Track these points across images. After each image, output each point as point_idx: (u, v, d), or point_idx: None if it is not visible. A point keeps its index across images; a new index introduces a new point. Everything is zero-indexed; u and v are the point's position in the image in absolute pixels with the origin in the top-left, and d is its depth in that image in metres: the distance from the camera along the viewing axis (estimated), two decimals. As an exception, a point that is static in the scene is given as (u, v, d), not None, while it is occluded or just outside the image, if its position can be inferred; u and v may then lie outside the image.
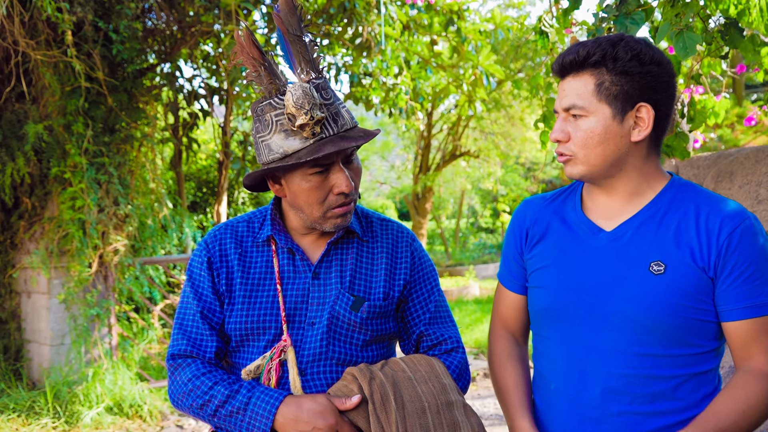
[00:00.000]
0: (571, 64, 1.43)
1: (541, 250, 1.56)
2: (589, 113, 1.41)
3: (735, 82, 12.23)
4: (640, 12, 1.84)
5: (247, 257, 1.62)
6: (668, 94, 1.42)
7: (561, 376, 1.49)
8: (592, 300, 1.44)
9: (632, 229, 1.45)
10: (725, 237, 1.37)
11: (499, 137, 14.90)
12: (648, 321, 1.39)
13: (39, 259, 5.56)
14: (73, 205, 5.50)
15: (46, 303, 5.72)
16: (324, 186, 1.52)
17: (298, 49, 1.51)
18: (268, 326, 1.56)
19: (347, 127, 1.50)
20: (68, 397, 5.40)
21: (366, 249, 1.65)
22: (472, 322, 9.68)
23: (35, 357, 5.89)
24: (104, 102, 5.65)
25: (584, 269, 1.47)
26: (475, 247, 20.93)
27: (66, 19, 5.01)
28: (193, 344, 1.57)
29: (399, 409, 1.45)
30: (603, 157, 1.42)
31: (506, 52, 11.58)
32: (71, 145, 5.46)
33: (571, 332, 1.47)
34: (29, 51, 5.17)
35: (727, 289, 1.38)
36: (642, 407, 1.40)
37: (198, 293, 1.61)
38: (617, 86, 1.39)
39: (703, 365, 1.42)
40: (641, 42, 1.43)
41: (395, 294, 1.63)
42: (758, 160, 2.17)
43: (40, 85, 5.53)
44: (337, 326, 1.57)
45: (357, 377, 1.49)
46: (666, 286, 1.38)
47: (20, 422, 5.20)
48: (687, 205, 1.43)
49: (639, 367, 1.40)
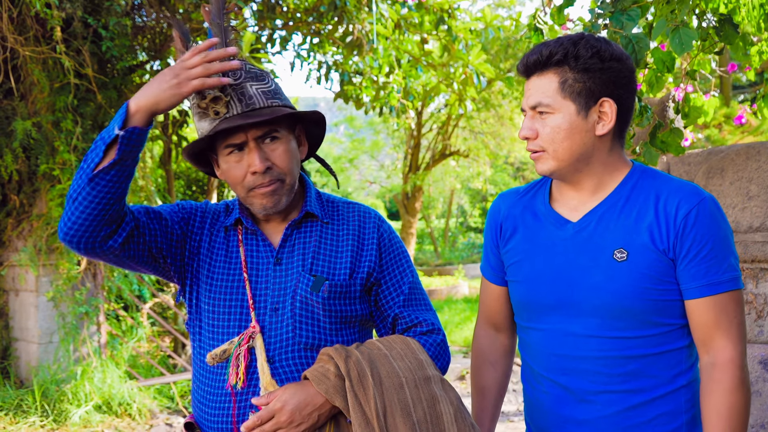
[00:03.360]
0: (535, 63, 1.49)
1: (515, 245, 1.62)
2: (554, 110, 1.47)
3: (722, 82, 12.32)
4: (635, 8, 1.85)
5: (215, 242, 1.64)
6: (629, 88, 1.49)
7: (542, 363, 1.57)
8: (563, 290, 1.51)
9: (596, 219, 1.51)
10: (682, 217, 1.42)
11: (488, 137, 14.93)
12: (615, 307, 1.46)
13: (27, 256, 5.51)
14: (62, 203, 5.46)
15: (34, 301, 5.67)
16: (241, 166, 1.53)
17: (216, 33, 1.52)
18: (234, 310, 1.57)
19: (256, 107, 1.50)
20: (56, 396, 5.36)
21: (330, 231, 1.65)
22: (462, 320, 9.70)
23: (23, 355, 5.85)
24: (93, 99, 5.61)
25: (554, 261, 1.53)
26: (465, 247, 20.97)
27: (55, 15, 4.97)
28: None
29: (377, 386, 1.45)
30: (570, 152, 1.47)
31: (496, 51, 11.60)
32: (60, 142, 5.42)
33: (548, 321, 1.55)
34: (17, 47, 5.13)
35: (685, 268, 1.43)
36: (618, 386, 1.48)
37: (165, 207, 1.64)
38: (580, 83, 1.45)
39: (674, 343, 1.48)
40: (601, 40, 1.49)
41: (361, 274, 1.62)
42: (749, 157, 2.19)
43: (28, 81, 5.49)
44: (302, 309, 1.56)
45: (332, 356, 1.49)
46: (629, 272, 1.44)
47: (8, 421, 5.15)
48: (647, 191, 1.48)
49: (612, 350, 1.47)
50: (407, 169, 15.17)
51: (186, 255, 1.63)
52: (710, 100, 4.03)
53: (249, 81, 1.51)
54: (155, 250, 1.57)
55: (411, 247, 14.84)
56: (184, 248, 1.62)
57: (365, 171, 21.45)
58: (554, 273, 1.52)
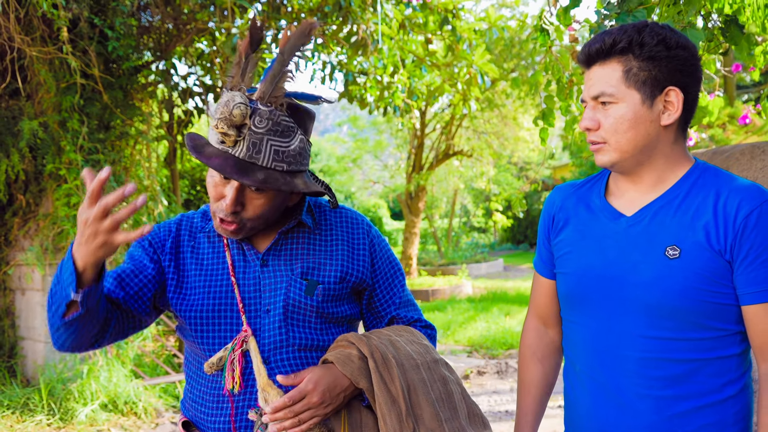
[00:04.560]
0: (597, 52, 1.44)
1: (566, 236, 1.58)
2: (618, 100, 1.42)
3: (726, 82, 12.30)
4: (641, 9, 1.86)
5: (199, 248, 1.64)
6: (695, 77, 1.43)
7: (584, 360, 1.52)
8: (611, 285, 1.46)
9: (651, 214, 1.45)
10: (742, 219, 1.35)
11: (492, 137, 14.94)
12: (663, 305, 1.39)
13: (34, 255, 5.54)
14: (68, 202, 5.49)
15: (40, 300, 5.70)
16: (219, 191, 1.52)
17: (275, 71, 1.49)
18: (224, 315, 1.58)
19: (257, 163, 1.45)
20: (63, 394, 5.38)
21: (319, 237, 1.66)
22: (465, 320, 9.71)
23: (29, 354, 5.88)
24: (99, 99, 5.64)
25: (604, 255, 1.48)
26: (468, 246, 20.97)
27: (62, 15, 4.99)
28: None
29: (399, 366, 1.51)
30: (634, 143, 1.42)
31: (500, 51, 11.61)
32: (66, 142, 5.45)
33: (592, 317, 1.49)
34: (24, 47, 5.15)
35: (744, 272, 1.36)
36: (660, 391, 1.41)
37: (130, 258, 1.63)
38: (645, 72, 1.40)
39: (725, 350, 1.41)
40: (665, 27, 1.44)
41: (354, 279, 1.65)
42: (753, 156, 2.20)
43: (34, 81, 5.51)
44: (293, 312, 1.58)
45: (353, 341, 1.53)
46: (681, 270, 1.38)
47: (15, 419, 5.18)
48: (708, 188, 1.42)
49: (655, 351, 1.41)
50: (411, 169, 15.17)
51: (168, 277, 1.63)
52: (714, 100, 4.04)
53: (270, 135, 1.46)
54: (144, 306, 1.60)
55: (414, 247, 14.85)
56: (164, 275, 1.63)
57: (368, 171, 21.46)
58: (603, 266, 1.47)
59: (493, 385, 6.53)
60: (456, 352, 7.97)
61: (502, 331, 8.67)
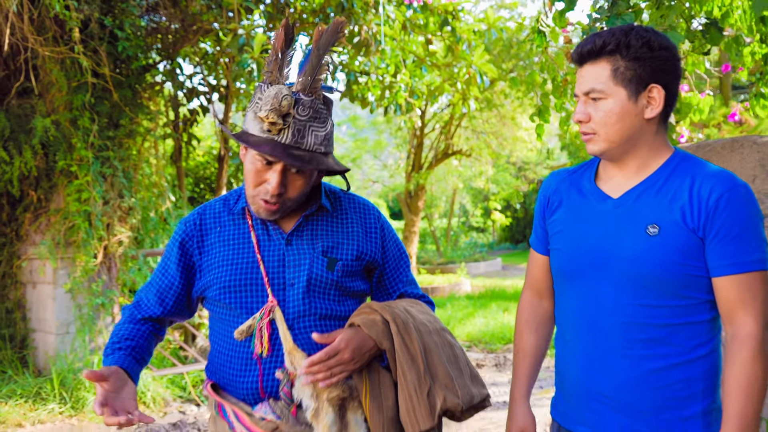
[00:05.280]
0: (588, 52, 1.61)
1: (559, 216, 1.75)
2: (607, 95, 1.59)
3: (722, 83, 12.46)
4: (630, 13, 2.02)
5: (225, 230, 1.82)
6: (675, 75, 1.61)
7: (574, 327, 1.69)
8: (599, 260, 1.63)
9: (635, 197, 1.62)
10: (714, 201, 1.52)
11: (490, 136, 15.10)
12: (644, 277, 1.56)
13: (47, 249, 5.69)
14: (79, 198, 5.65)
15: (51, 293, 5.86)
16: (261, 175, 1.70)
17: (312, 63, 1.69)
18: (250, 288, 1.74)
19: (302, 147, 1.65)
20: (74, 384, 5.54)
21: (336, 220, 1.85)
22: (464, 316, 9.87)
23: (40, 345, 6.03)
24: (109, 97, 5.80)
25: (593, 233, 1.66)
26: (467, 246, 21.13)
27: (73, 16, 5.15)
28: (135, 303, 1.90)
29: (417, 331, 1.70)
30: (621, 134, 1.59)
31: (499, 52, 11.78)
32: (77, 139, 5.61)
33: (582, 288, 1.67)
34: (37, 47, 5.31)
35: (714, 247, 1.53)
36: (640, 351, 1.58)
37: (165, 268, 1.86)
38: (631, 71, 1.57)
39: (697, 316, 1.58)
40: (650, 30, 1.60)
41: (366, 257, 1.84)
42: (733, 150, 2.37)
43: (46, 80, 5.67)
44: (315, 285, 1.75)
45: (376, 309, 1.73)
46: (660, 246, 1.55)
47: (27, 407, 5.33)
48: (685, 174, 1.59)
49: (636, 317, 1.58)
50: (410, 168, 15.33)
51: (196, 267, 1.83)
52: (705, 99, 4.21)
53: (311, 121, 1.66)
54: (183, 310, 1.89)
55: (414, 246, 15.01)
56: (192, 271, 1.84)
57: (368, 170, 21.61)
58: (592, 243, 1.64)
59: (492, 378, 6.68)
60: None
61: (500, 327, 8.83)
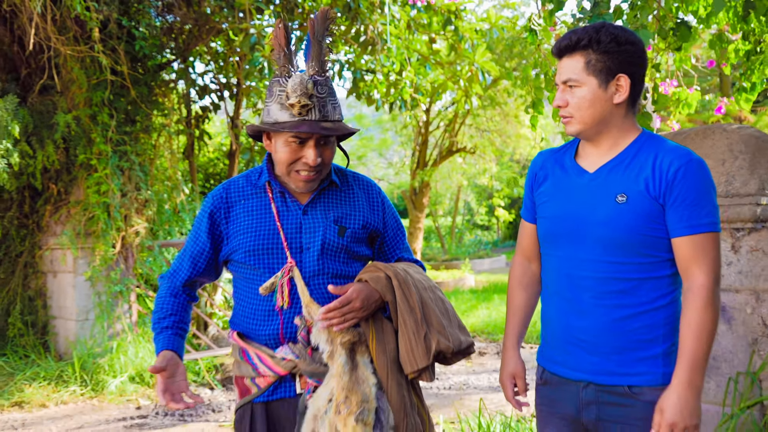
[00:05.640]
0: (566, 47, 1.85)
1: (545, 189, 2.00)
2: (581, 84, 1.83)
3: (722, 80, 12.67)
4: (609, 13, 2.27)
5: (249, 202, 2.10)
6: (641, 66, 1.84)
7: (556, 282, 1.94)
8: (576, 225, 1.87)
9: (607, 171, 1.86)
10: (673, 172, 1.76)
11: (494, 134, 15.33)
12: (614, 238, 1.81)
13: (68, 239, 5.97)
14: (99, 190, 5.93)
15: (72, 281, 6.13)
16: (296, 153, 1.96)
17: (315, 49, 1.99)
18: (272, 251, 2.01)
19: (328, 118, 1.94)
20: (93, 368, 5.82)
21: (344, 194, 2.12)
22: (468, 309, 10.12)
23: (61, 331, 6.31)
24: (127, 94, 6.07)
25: (572, 202, 1.90)
26: (471, 243, 21.35)
27: (93, 17, 5.42)
28: (172, 272, 2.17)
29: (415, 286, 1.98)
30: (593, 117, 1.83)
31: (501, 51, 12.01)
32: (96, 134, 5.88)
33: (563, 249, 1.91)
34: (59, 46, 5.58)
35: (673, 212, 1.77)
36: (610, 301, 1.83)
37: (196, 236, 2.12)
38: (601, 63, 1.80)
39: (658, 272, 1.82)
40: (618, 27, 1.83)
41: (370, 227, 2.12)
42: (705, 137, 2.62)
43: (67, 78, 5.95)
44: (328, 249, 2.03)
45: (380, 267, 2.01)
46: (627, 212, 1.79)
47: (50, 389, 5.61)
48: (649, 151, 1.83)
49: (607, 272, 1.83)
50: (415, 166, 15.56)
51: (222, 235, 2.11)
52: (694, 93, 4.46)
53: (329, 96, 1.96)
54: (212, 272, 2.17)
55: (419, 242, 15.24)
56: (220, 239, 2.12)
57: (373, 168, 21.84)
58: (571, 211, 1.88)
59: (494, 365, 6.93)
60: (458, 337, 8.38)
61: (502, 318, 9.07)
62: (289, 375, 1.99)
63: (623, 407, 1.83)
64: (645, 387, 1.81)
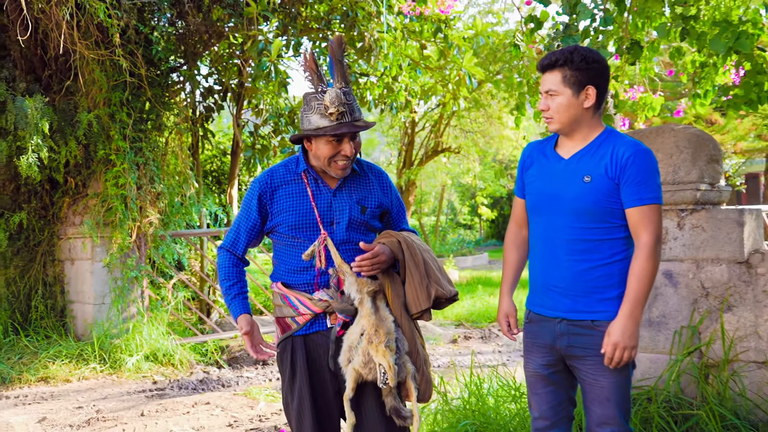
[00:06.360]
0: (547, 65, 2.40)
1: (532, 172, 2.57)
2: (559, 93, 2.39)
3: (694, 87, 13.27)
4: (577, 35, 2.84)
5: (289, 186, 2.64)
6: (604, 79, 2.41)
7: (539, 243, 2.51)
8: (554, 200, 2.43)
9: (578, 158, 2.42)
10: (626, 159, 2.32)
11: (478, 135, 15.92)
12: (581, 209, 2.37)
13: (89, 228, 6.46)
14: (117, 183, 6.42)
15: (90, 267, 6.62)
16: (335, 149, 2.49)
17: (339, 68, 2.55)
18: (308, 225, 2.56)
19: (358, 118, 2.49)
20: (111, 348, 6.31)
21: (363, 180, 2.66)
22: (453, 300, 10.67)
23: (79, 315, 6.79)
24: (143, 95, 6.57)
25: (551, 182, 2.46)
26: (454, 242, 21.94)
27: (114, 24, 5.92)
28: (232, 244, 2.68)
29: (419, 249, 2.55)
30: (568, 118, 2.40)
31: (486, 56, 12.59)
32: (114, 132, 6.38)
33: (543, 218, 2.48)
34: (83, 50, 6.07)
35: (626, 189, 2.32)
36: (577, 256, 2.40)
37: (248, 213, 2.64)
38: (574, 77, 2.36)
39: (614, 234, 2.38)
40: (587, 49, 2.44)
41: (384, 206, 2.68)
42: (658, 134, 3.22)
43: (88, 79, 6.43)
44: (353, 223, 2.58)
45: (393, 234, 2.57)
46: (591, 190, 2.35)
47: (72, 367, 6.09)
48: (610, 143, 2.39)
49: (575, 234, 2.40)
50: (402, 165, 16.11)
51: (269, 212, 2.64)
52: (658, 99, 5.05)
53: (354, 102, 2.51)
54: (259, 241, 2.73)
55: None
56: (267, 215, 2.65)
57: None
58: (550, 189, 2.44)
59: (478, 348, 7.49)
60: (445, 325, 8.94)
61: (486, 308, 9.64)
62: (323, 313, 2.54)
63: (587, 336, 2.39)
64: (604, 321, 2.37)
